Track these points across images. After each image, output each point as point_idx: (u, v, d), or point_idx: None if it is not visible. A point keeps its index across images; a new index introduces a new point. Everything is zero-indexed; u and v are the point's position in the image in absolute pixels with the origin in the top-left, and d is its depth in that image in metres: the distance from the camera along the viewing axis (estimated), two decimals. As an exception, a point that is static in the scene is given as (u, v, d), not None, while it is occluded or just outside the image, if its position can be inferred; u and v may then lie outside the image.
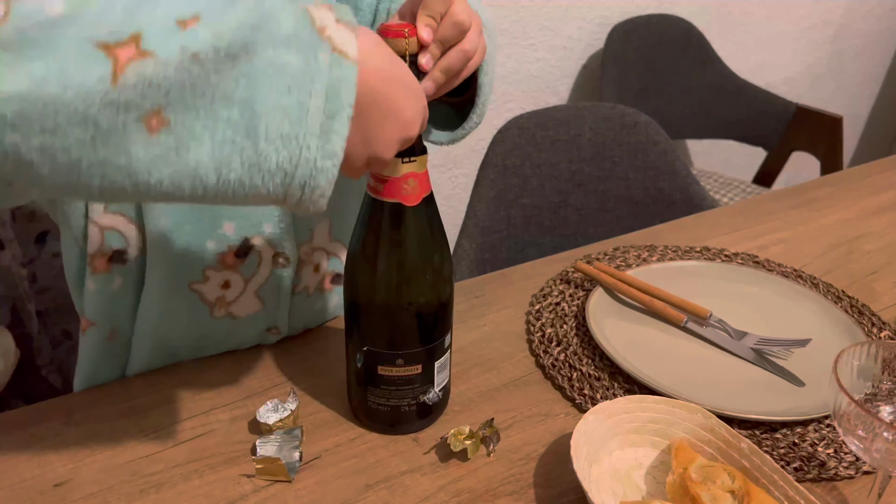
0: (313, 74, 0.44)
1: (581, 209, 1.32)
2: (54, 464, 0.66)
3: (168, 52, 0.41)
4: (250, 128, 0.43)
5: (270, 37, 0.43)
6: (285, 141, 0.44)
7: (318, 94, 0.44)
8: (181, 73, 0.41)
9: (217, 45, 0.41)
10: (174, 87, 0.41)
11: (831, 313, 0.87)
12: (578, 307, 0.89)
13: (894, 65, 2.85)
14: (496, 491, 0.64)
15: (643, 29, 2.00)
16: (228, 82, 0.42)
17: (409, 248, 0.63)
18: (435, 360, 0.67)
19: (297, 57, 0.43)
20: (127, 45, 0.40)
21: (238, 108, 0.43)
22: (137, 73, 0.40)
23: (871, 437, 0.55)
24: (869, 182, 1.27)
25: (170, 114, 0.42)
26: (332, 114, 0.44)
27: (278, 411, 0.69)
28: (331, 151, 0.45)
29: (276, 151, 0.44)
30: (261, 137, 0.43)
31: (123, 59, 0.40)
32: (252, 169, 0.44)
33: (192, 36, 0.41)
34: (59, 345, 1.35)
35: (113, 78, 0.40)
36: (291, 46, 0.43)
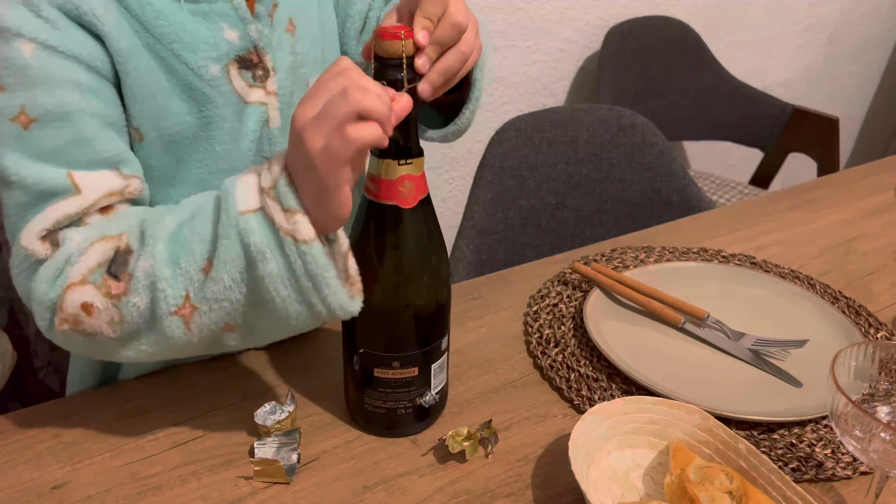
0: (292, 267, 0.56)
1: (578, 211, 1.33)
2: (52, 466, 0.65)
3: (202, 304, 0.59)
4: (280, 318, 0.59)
5: (252, 257, 0.56)
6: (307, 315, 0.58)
7: (302, 278, 0.56)
8: (217, 310, 0.59)
9: (226, 285, 0.58)
10: (220, 317, 0.59)
11: (828, 314, 0.87)
12: (576, 308, 0.89)
13: (890, 66, 2.85)
14: (494, 492, 0.64)
15: (640, 31, 2.00)
16: (249, 295, 0.58)
17: (406, 251, 0.63)
18: (431, 363, 0.67)
19: (273, 262, 0.56)
20: (185, 306, 0.59)
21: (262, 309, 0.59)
22: (197, 324, 0.60)
23: (869, 438, 0.55)
24: (865, 183, 1.28)
25: (233, 321, 0.60)
26: (319, 287, 0.57)
27: (276, 413, 0.69)
28: (335, 307, 0.58)
29: (303, 323, 0.59)
30: (289, 320, 0.59)
31: (187, 316, 0.59)
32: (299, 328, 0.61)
33: (209, 286, 0.58)
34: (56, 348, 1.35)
35: (188, 331, 0.60)
36: (266, 256, 0.56)
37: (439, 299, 0.66)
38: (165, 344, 0.61)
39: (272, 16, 0.72)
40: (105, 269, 0.60)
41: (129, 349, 0.62)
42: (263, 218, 0.56)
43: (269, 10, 0.71)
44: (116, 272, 0.60)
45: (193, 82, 0.68)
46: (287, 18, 0.73)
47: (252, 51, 0.70)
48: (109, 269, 0.60)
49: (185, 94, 0.68)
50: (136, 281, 0.59)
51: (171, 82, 0.67)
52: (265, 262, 0.56)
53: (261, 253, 0.56)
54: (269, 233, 0.56)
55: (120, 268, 0.60)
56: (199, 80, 0.68)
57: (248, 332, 0.61)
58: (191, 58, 0.67)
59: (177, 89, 0.68)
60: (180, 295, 0.59)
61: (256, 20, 0.70)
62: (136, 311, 0.60)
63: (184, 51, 0.67)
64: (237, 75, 0.70)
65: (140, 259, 0.60)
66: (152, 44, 0.66)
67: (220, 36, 0.68)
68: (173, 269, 0.59)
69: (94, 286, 0.60)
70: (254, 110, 0.71)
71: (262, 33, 0.71)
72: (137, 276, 0.59)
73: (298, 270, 0.56)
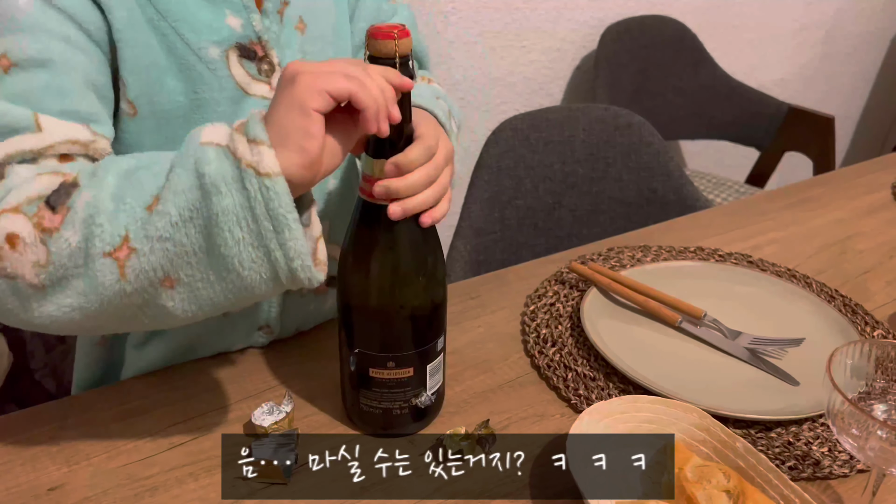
0: (250, 203, 0.52)
1: (575, 210, 1.33)
2: (48, 468, 0.65)
3: (142, 244, 0.53)
4: (228, 265, 0.53)
5: (205, 190, 0.52)
6: (259, 263, 0.53)
7: (261, 217, 0.52)
8: (159, 254, 0.53)
9: (172, 220, 0.52)
10: (163, 263, 0.53)
11: (825, 312, 0.88)
12: (573, 308, 0.89)
13: (885, 65, 2.86)
14: (492, 492, 0.64)
15: (636, 30, 2.01)
16: (196, 238, 0.53)
17: (400, 252, 0.63)
18: (427, 364, 0.67)
19: (230, 198, 0.52)
20: (122, 248, 0.53)
21: (212, 255, 0.53)
22: (133, 267, 0.53)
23: (865, 436, 0.56)
24: (861, 182, 1.28)
25: (174, 275, 0.54)
26: (279, 228, 0.52)
27: (273, 414, 0.69)
28: (294, 254, 0.53)
29: (255, 272, 0.54)
30: (238, 269, 0.53)
31: (122, 259, 0.53)
32: (248, 287, 0.54)
33: (155, 220, 0.53)
34: (52, 349, 1.34)
35: (122, 276, 0.54)
36: (222, 190, 0.52)
37: (435, 300, 0.66)
38: (94, 294, 0.55)
39: (282, 13, 0.72)
40: (44, 199, 0.55)
41: (51, 302, 0.55)
42: (225, 152, 0.52)
43: (278, 7, 0.72)
44: (55, 203, 0.55)
45: (191, 62, 0.68)
46: (297, 17, 0.74)
47: (255, 42, 0.70)
48: (48, 200, 0.55)
49: (181, 73, 0.68)
50: (74, 213, 0.54)
51: (169, 59, 0.67)
52: (220, 197, 0.51)
53: (215, 185, 0.51)
54: (228, 164, 0.52)
55: (60, 199, 0.55)
56: (197, 60, 0.68)
57: (191, 292, 0.55)
58: (192, 38, 0.67)
59: (173, 67, 0.67)
60: (119, 234, 0.53)
61: (264, 16, 0.71)
62: (67, 248, 0.54)
63: (186, 30, 0.67)
64: (237, 63, 0.70)
65: (83, 191, 0.55)
66: (155, 19, 0.66)
67: (223, 22, 0.68)
68: (116, 204, 0.54)
69: (26, 216, 0.54)
70: (255, 103, 0.71)
71: (269, 29, 0.71)
72: (76, 208, 0.54)
73: (258, 208, 0.52)
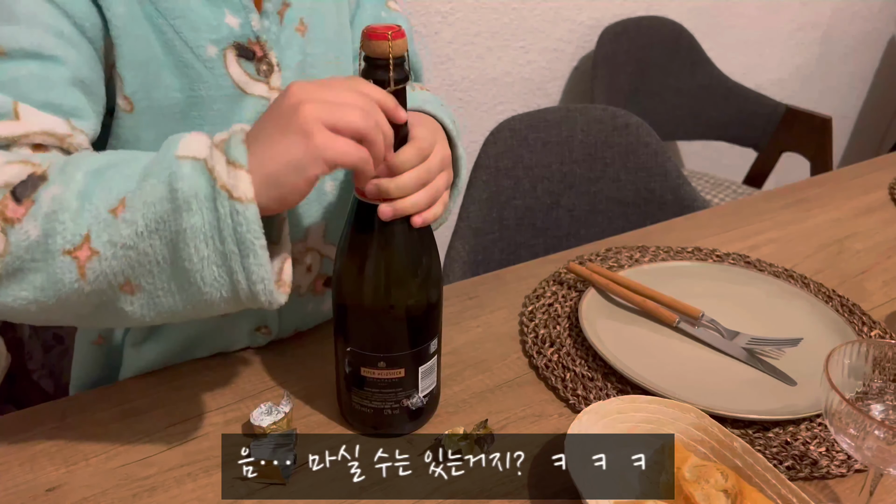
0: (219, 225, 0.52)
1: (573, 210, 1.33)
2: (46, 468, 0.65)
3: (105, 249, 0.53)
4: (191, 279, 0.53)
5: (176, 205, 0.51)
6: (221, 282, 0.53)
7: (228, 240, 0.52)
8: (121, 260, 0.53)
9: (137, 229, 0.52)
10: (124, 269, 0.53)
11: (822, 312, 0.88)
12: (571, 308, 0.90)
13: (882, 66, 2.86)
14: (491, 492, 0.64)
15: (634, 31, 2.01)
16: (160, 250, 0.53)
17: (392, 252, 0.63)
18: (419, 366, 0.67)
19: (200, 216, 0.51)
20: (83, 247, 0.53)
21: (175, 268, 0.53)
22: (93, 269, 0.53)
23: (863, 436, 0.56)
24: (858, 182, 1.28)
25: (136, 280, 0.54)
26: (245, 253, 0.52)
27: (272, 414, 0.69)
28: (257, 279, 0.53)
29: (216, 290, 0.53)
30: (201, 284, 0.53)
31: (83, 259, 0.53)
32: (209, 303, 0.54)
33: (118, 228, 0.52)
34: (50, 349, 1.34)
35: (81, 276, 0.53)
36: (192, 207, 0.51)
37: (427, 302, 0.65)
38: (52, 290, 0.54)
39: (282, 14, 0.72)
40: (10, 189, 0.54)
41: (8, 292, 0.55)
42: (202, 167, 0.52)
43: (278, 8, 0.72)
44: (21, 195, 0.54)
45: (189, 60, 0.68)
46: (298, 18, 0.74)
47: (254, 42, 0.70)
48: (14, 190, 0.54)
49: (178, 71, 0.68)
50: (38, 207, 0.53)
51: (167, 56, 0.67)
52: (190, 214, 0.51)
53: (187, 202, 0.51)
54: (203, 181, 0.52)
55: (27, 191, 0.54)
56: (195, 58, 0.68)
57: (151, 298, 0.55)
58: (191, 36, 0.67)
59: (171, 64, 0.67)
60: (80, 233, 0.53)
61: (263, 16, 0.71)
62: (26, 241, 0.53)
63: (185, 28, 0.67)
64: (234, 62, 0.69)
65: (51, 186, 0.54)
66: (154, 16, 0.66)
67: (222, 20, 0.68)
68: (82, 203, 0.53)
69: None
70: (254, 103, 0.71)
71: (269, 29, 0.71)
72: (41, 202, 0.54)
73: (226, 230, 0.52)
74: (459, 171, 0.73)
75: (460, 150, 0.73)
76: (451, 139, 0.72)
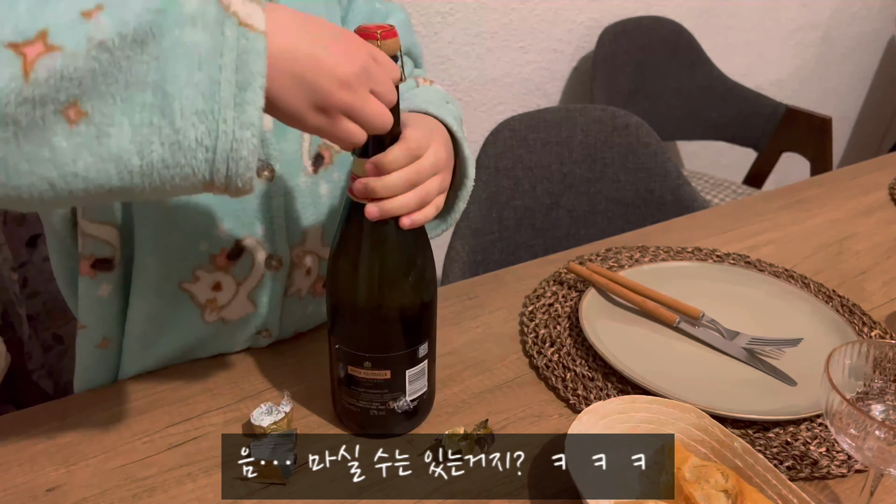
0: (221, 49, 0.44)
1: (573, 211, 1.33)
2: (46, 468, 0.65)
3: (75, 43, 0.42)
4: (165, 108, 0.44)
5: (176, 17, 0.44)
6: (201, 116, 0.45)
7: (228, 68, 0.44)
8: (90, 62, 0.42)
9: (122, 31, 0.43)
10: (86, 77, 0.43)
11: (822, 313, 0.88)
12: (571, 308, 0.90)
13: (882, 66, 2.87)
14: (491, 492, 0.64)
15: (633, 31, 2.01)
16: (139, 66, 0.43)
17: (378, 252, 0.62)
18: (406, 369, 0.66)
19: (204, 34, 0.44)
20: (34, 43, 0.42)
21: (151, 91, 0.44)
22: (47, 67, 0.42)
23: (863, 436, 0.56)
24: (858, 182, 1.28)
25: (86, 103, 0.43)
26: (243, 85, 0.45)
27: (272, 414, 0.69)
28: (247, 122, 0.46)
29: (193, 127, 0.45)
30: (177, 115, 0.44)
31: (32, 55, 0.42)
32: (173, 148, 0.45)
33: (97, 25, 0.42)
34: (50, 349, 1.34)
35: (24, 75, 0.42)
36: (197, 25, 0.44)
37: (416, 304, 0.65)
38: None
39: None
40: None
41: None
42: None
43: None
44: None
45: None
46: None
47: None
48: None
49: None
50: None
51: None
52: (193, 30, 0.44)
53: (192, 18, 0.44)
54: (212, 6, 0.45)
55: None
56: None
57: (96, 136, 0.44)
58: None
59: None
60: (36, 28, 0.42)
61: None
62: None
63: None
64: None
65: None
66: None
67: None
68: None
69: None
70: None
71: None
72: None
73: (228, 55, 0.45)
74: (467, 171, 0.72)
75: (466, 151, 0.71)
76: (456, 140, 0.70)
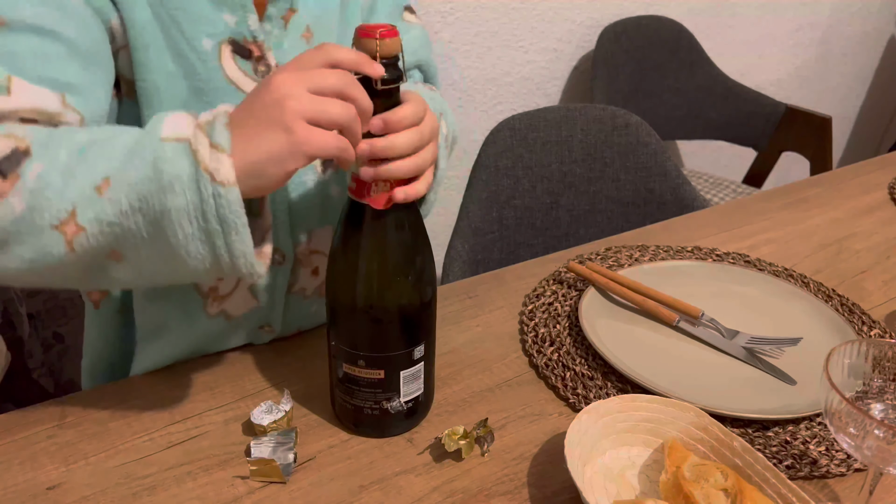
0: (204, 207, 0.53)
1: (573, 210, 1.33)
2: (46, 467, 0.65)
3: (91, 225, 0.55)
4: (175, 254, 0.55)
5: (162, 186, 0.53)
6: (204, 256, 0.55)
7: (213, 220, 0.54)
8: (106, 235, 0.55)
9: (122, 208, 0.54)
10: (108, 242, 0.55)
11: (822, 312, 0.88)
12: (571, 307, 0.90)
13: (882, 66, 2.87)
14: (490, 491, 0.64)
15: (633, 30, 2.01)
16: (144, 226, 0.55)
17: (373, 252, 0.62)
18: (400, 370, 0.66)
19: (187, 196, 0.53)
20: (69, 223, 0.55)
21: (157, 242, 0.55)
22: (80, 244, 0.55)
23: (863, 435, 0.56)
24: (858, 182, 1.28)
25: (121, 251, 0.56)
26: (227, 231, 0.54)
27: (272, 413, 0.69)
28: (238, 252, 0.55)
29: (201, 263, 0.56)
30: (189, 257, 0.55)
31: (70, 234, 0.55)
32: (194, 272, 0.57)
33: (102, 207, 0.54)
34: (50, 348, 1.34)
35: (70, 249, 0.55)
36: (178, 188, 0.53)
37: (412, 306, 0.65)
38: (41, 261, 0.56)
39: (287, 19, 0.72)
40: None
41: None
42: (186, 149, 0.54)
43: (282, 13, 0.71)
44: (6, 170, 0.55)
45: (185, 50, 0.68)
46: (305, 25, 0.73)
47: (251, 41, 0.70)
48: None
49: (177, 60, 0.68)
50: (23, 183, 0.55)
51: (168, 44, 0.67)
52: (174, 196, 0.53)
53: (171, 184, 0.53)
54: (186, 163, 0.53)
55: (11, 166, 0.55)
56: (190, 49, 0.68)
57: (137, 266, 0.57)
58: (188, 28, 0.67)
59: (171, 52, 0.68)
60: (66, 209, 0.54)
61: (266, 20, 0.71)
62: (11, 214, 0.54)
63: (183, 19, 0.67)
64: (230, 58, 0.69)
65: (34, 162, 0.55)
66: (155, 4, 0.66)
67: (220, 16, 0.68)
68: (66, 181, 0.55)
69: None
70: None
71: (270, 32, 0.71)
72: (26, 178, 0.55)
73: (209, 211, 0.53)
74: (438, 161, 0.72)
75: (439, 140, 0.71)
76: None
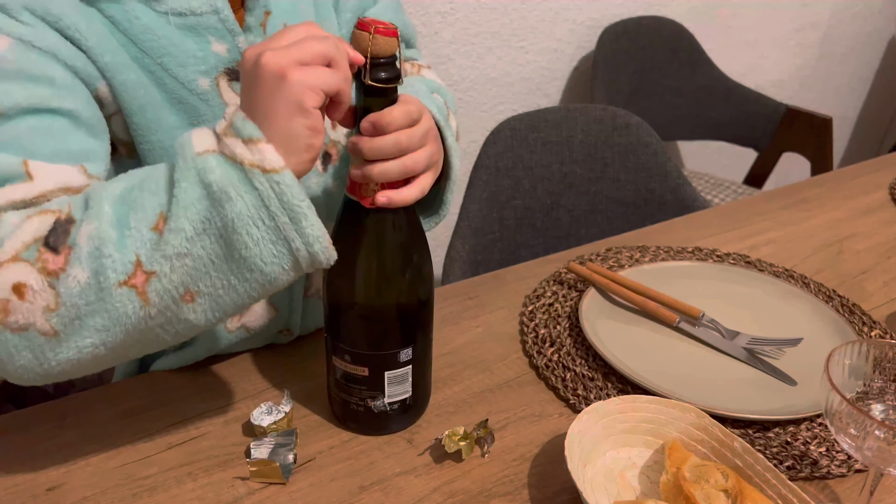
0: (266, 202, 0.52)
1: (573, 210, 1.33)
2: (47, 467, 0.65)
3: (161, 265, 0.52)
4: (251, 266, 0.53)
5: (217, 198, 0.51)
6: (281, 256, 0.54)
7: (278, 213, 0.52)
8: (179, 269, 0.52)
9: (188, 235, 0.52)
10: (182, 280, 0.53)
11: (822, 312, 0.88)
12: (572, 308, 0.90)
13: (882, 66, 2.87)
14: (490, 492, 0.64)
15: (634, 31, 2.01)
16: (212, 247, 0.53)
17: (358, 249, 0.62)
18: (385, 370, 0.66)
19: (245, 200, 0.51)
20: (136, 273, 0.52)
21: (230, 260, 0.53)
22: (154, 290, 0.53)
23: (863, 436, 0.56)
24: (858, 182, 1.28)
25: (194, 288, 0.54)
26: (295, 218, 0.53)
27: (272, 414, 0.69)
28: (313, 237, 0.54)
29: (279, 265, 0.54)
30: (266, 264, 0.53)
31: (140, 285, 0.52)
32: (273, 280, 0.55)
33: (166, 241, 0.52)
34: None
35: (144, 303, 0.53)
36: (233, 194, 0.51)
37: (397, 307, 0.64)
38: (117, 326, 0.54)
39: (264, 25, 0.70)
40: (42, 242, 0.53)
41: (68, 347, 0.54)
42: (223, 157, 0.52)
43: (260, 20, 0.70)
44: (56, 244, 0.53)
45: (184, 96, 0.66)
46: (281, 24, 0.72)
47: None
48: (47, 241, 0.53)
49: (175, 108, 0.67)
50: (78, 249, 0.52)
51: (163, 96, 0.66)
52: (231, 203, 0.51)
53: (224, 192, 0.51)
54: (231, 169, 0.52)
55: (60, 238, 0.53)
56: (189, 93, 0.66)
57: (213, 300, 0.55)
58: (180, 72, 0.66)
59: (167, 103, 0.66)
60: (129, 260, 0.52)
61: (246, 32, 0.69)
62: (77, 287, 0.52)
63: (173, 65, 0.65)
64: (228, 88, 0.68)
65: (83, 225, 0.53)
66: (140, 58, 0.64)
67: (208, 49, 0.67)
68: (121, 231, 0.52)
69: (28, 263, 0.52)
70: None
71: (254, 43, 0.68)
72: (79, 243, 0.52)
73: (272, 204, 0.52)
74: (451, 160, 0.71)
75: (450, 140, 0.70)
76: (439, 126, 0.69)
